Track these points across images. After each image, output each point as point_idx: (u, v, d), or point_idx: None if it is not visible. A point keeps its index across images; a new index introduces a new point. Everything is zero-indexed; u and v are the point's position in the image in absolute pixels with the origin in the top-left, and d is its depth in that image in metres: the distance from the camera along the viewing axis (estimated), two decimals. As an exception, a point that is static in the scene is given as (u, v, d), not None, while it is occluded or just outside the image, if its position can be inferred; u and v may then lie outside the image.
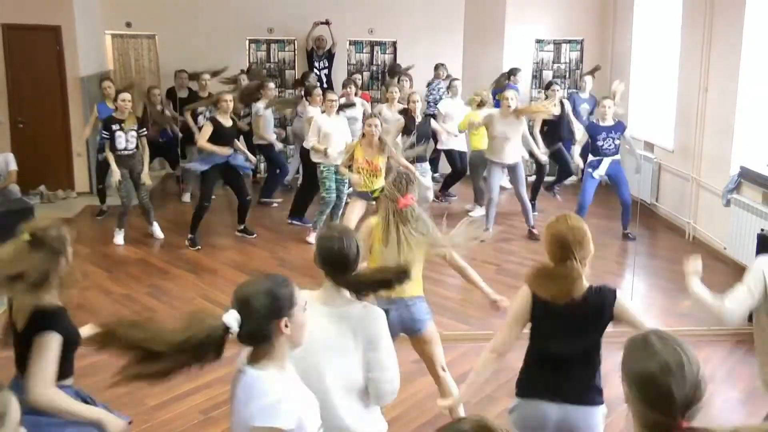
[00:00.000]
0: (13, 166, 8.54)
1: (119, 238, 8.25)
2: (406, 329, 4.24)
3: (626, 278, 7.22)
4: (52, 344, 2.98)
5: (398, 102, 9.18)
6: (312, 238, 8.25)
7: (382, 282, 2.95)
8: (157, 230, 8.46)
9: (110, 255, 7.92)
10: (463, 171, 9.87)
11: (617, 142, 8.21)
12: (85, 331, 3.22)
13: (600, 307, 3.04)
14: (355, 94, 9.53)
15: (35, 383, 2.94)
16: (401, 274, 2.91)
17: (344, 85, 9.52)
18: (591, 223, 8.67)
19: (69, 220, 9.07)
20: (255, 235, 8.42)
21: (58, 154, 10.16)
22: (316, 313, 2.84)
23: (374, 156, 7.23)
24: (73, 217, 9.24)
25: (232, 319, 2.27)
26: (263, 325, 2.32)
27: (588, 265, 3.05)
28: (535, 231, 8.50)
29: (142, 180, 8.17)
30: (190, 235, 8.16)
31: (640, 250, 8.05)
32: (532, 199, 9.42)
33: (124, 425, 3.15)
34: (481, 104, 9.05)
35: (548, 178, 10.01)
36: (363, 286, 2.96)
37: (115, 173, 8.05)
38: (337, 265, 2.95)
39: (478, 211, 9.34)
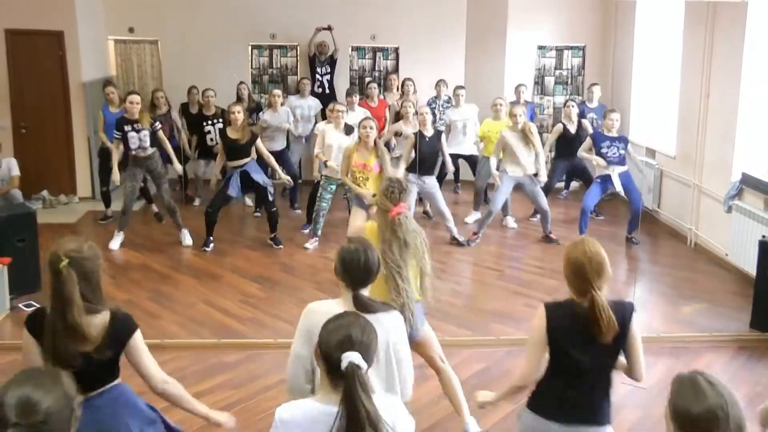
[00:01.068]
0: (16, 171, 8.54)
1: (115, 243, 8.19)
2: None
3: (628, 284, 7.22)
4: (142, 339, 3.12)
5: (413, 117, 9.06)
6: (309, 244, 8.25)
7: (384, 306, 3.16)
8: (187, 236, 8.33)
9: (112, 260, 7.91)
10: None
11: (622, 152, 8.28)
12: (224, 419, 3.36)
13: (620, 321, 3.01)
14: (359, 104, 9.53)
15: (157, 375, 3.12)
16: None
17: (348, 94, 9.53)
18: (594, 228, 8.83)
19: (71, 225, 9.11)
20: (281, 247, 8.26)
21: (60, 159, 10.18)
22: None
23: (367, 158, 7.23)
24: (75, 222, 9.26)
25: (358, 359, 2.27)
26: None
27: (606, 288, 3.04)
28: (552, 235, 8.55)
29: (164, 179, 8.22)
30: (205, 239, 8.19)
31: (642, 257, 8.05)
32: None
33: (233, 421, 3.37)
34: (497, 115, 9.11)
35: (560, 184, 10.33)
36: (373, 308, 3.07)
37: (115, 174, 8.13)
38: (361, 277, 3.09)
39: (474, 216, 9.37)
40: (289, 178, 8.57)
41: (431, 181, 8.32)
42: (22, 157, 9.16)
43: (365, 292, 3.14)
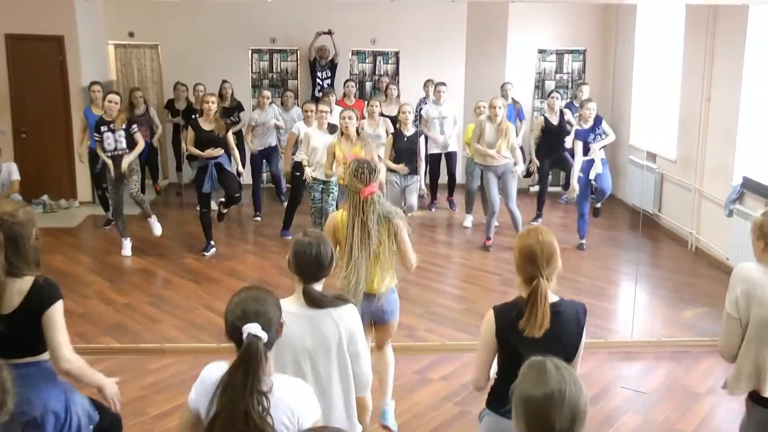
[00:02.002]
0: (16, 176, 8.55)
1: (126, 250, 8.11)
2: (376, 319, 4.33)
3: (628, 288, 7.20)
4: (62, 312, 3.12)
5: (380, 115, 8.98)
6: None
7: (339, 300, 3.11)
8: (156, 225, 8.18)
9: (112, 264, 7.91)
10: (450, 175, 9.97)
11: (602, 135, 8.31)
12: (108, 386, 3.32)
13: (576, 320, 3.01)
14: (336, 103, 9.48)
15: (65, 351, 3.09)
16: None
17: (325, 94, 9.40)
18: (592, 232, 8.78)
19: (71, 230, 9.11)
20: (222, 220, 8.43)
21: (60, 163, 10.17)
22: (299, 317, 2.98)
23: (353, 149, 7.09)
24: (75, 227, 9.25)
25: (257, 329, 2.37)
26: (277, 330, 2.49)
27: (555, 280, 3.01)
28: (488, 242, 8.55)
29: (127, 173, 7.92)
30: (205, 243, 8.16)
31: (643, 260, 8.02)
32: (539, 209, 9.45)
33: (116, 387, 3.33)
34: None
35: (553, 189, 10.18)
36: (322, 303, 3.05)
37: (110, 164, 7.88)
38: (312, 270, 3.05)
39: (468, 220, 9.37)
40: (241, 169, 8.45)
41: (412, 179, 8.23)
42: (23, 162, 9.17)
43: (318, 286, 3.10)
